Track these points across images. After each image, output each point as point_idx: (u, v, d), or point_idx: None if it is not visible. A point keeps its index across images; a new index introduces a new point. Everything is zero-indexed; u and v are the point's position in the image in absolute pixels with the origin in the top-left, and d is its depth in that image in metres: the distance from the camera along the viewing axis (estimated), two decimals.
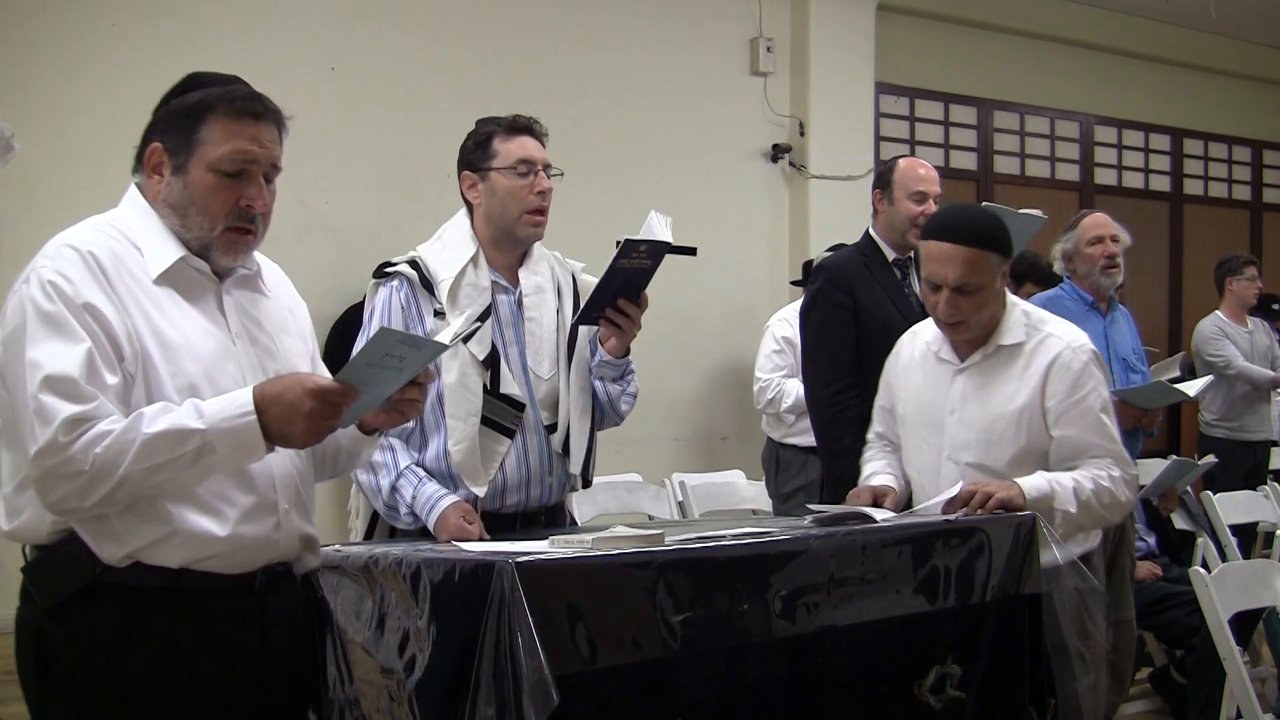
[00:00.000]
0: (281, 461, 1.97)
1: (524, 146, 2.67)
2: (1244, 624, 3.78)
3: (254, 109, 1.94)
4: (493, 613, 1.77)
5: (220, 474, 1.86)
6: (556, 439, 2.69)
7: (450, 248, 2.68)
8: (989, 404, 2.74)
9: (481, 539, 2.46)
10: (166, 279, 1.91)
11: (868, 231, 3.74)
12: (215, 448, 1.79)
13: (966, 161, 8.88)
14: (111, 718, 1.85)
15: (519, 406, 2.63)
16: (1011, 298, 2.83)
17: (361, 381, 1.86)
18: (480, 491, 2.58)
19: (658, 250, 2.55)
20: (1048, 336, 2.74)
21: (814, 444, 3.89)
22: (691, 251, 2.76)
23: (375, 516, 2.66)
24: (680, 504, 4.87)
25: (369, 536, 2.68)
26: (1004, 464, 2.72)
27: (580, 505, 4.61)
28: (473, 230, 2.71)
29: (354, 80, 6.31)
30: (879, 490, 2.82)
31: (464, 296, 2.62)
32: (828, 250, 4.60)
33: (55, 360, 1.75)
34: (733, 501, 5.02)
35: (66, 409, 1.73)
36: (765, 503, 4.99)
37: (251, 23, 6.03)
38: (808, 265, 7.17)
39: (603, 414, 2.80)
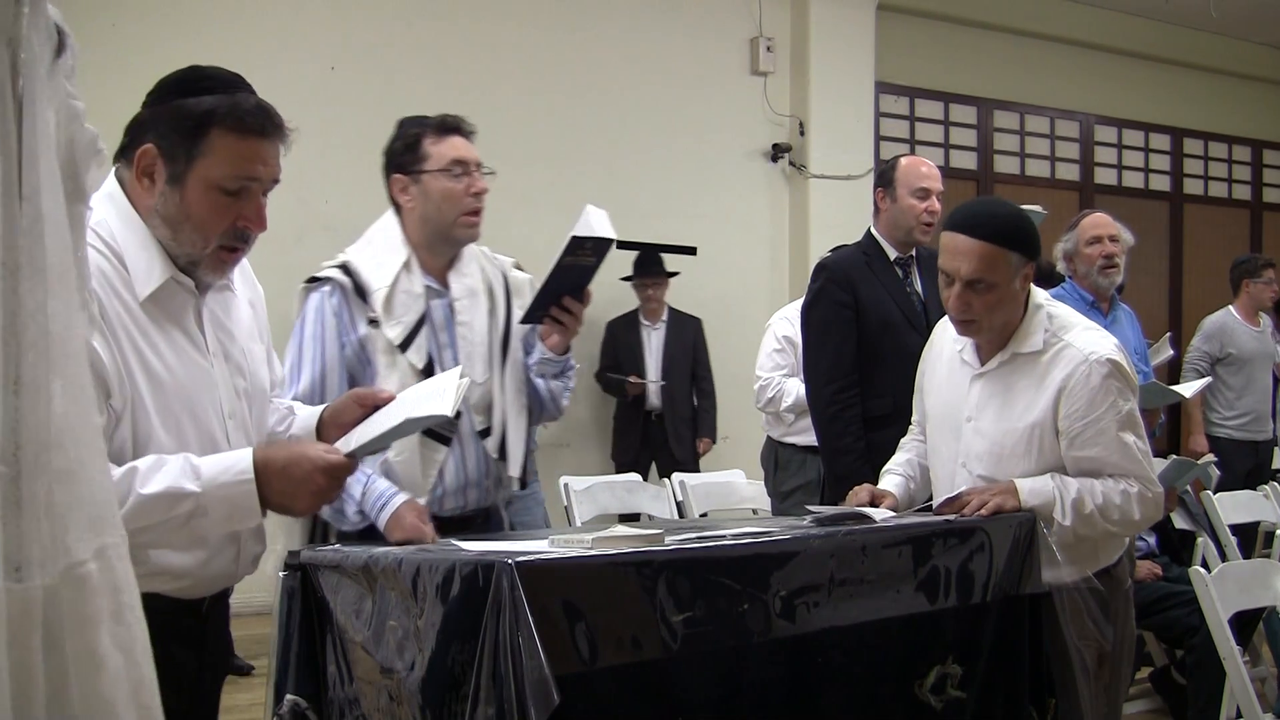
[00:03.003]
0: None
1: (455, 147, 2.61)
2: (1244, 624, 3.78)
3: (262, 126, 1.83)
4: (493, 613, 1.77)
5: None
6: (491, 443, 2.65)
7: (381, 253, 2.62)
8: (1002, 416, 2.63)
9: (433, 541, 2.43)
10: (151, 299, 1.83)
11: (869, 230, 3.74)
12: (208, 511, 1.74)
13: (966, 161, 8.89)
14: None
15: (455, 414, 2.60)
16: (1039, 299, 2.69)
17: (366, 455, 1.90)
18: (422, 501, 2.53)
19: (603, 246, 2.51)
20: (1066, 347, 2.58)
21: (813, 443, 3.90)
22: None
23: (314, 520, 2.61)
24: (680, 504, 4.87)
25: (310, 538, 2.61)
26: (1015, 479, 2.61)
27: (580, 505, 4.62)
28: (403, 234, 2.65)
29: (354, 80, 6.31)
30: (878, 491, 2.81)
31: (399, 305, 2.57)
32: (831, 251, 4.60)
33: None
34: (733, 501, 5.03)
35: None
36: (765, 502, 4.99)
37: (252, 22, 6.04)
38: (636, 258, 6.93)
39: (542, 409, 2.77)
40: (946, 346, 2.79)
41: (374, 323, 2.55)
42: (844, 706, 2.18)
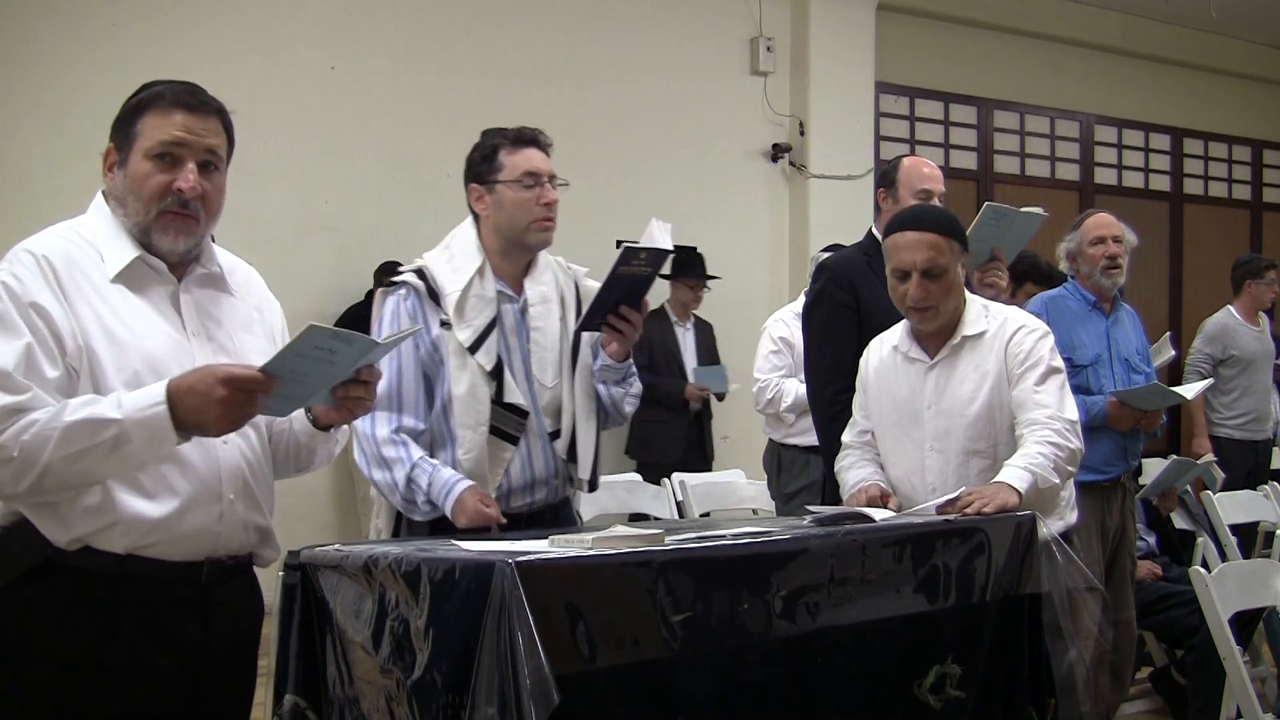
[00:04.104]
0: (230, 453, 2.04)
1: (529, 159, 2.69)
2: (1244, 624, 3.78)
3: (186, 100, 2.02)
4: (493, 613, 1.77)
5: (166, 463, 1.95)
6: (560, 445, 2.74)
7: (457, 258, 2.72)
8: (962, 390, 2.85)
9: (499, 523, 2.54)
10: (123, 278, 1.99)
11: (870, 230, 3.73)
12: (131, 437, 1.86)
13: (966, 161, 8.88)
14: (52, 693, 1.92)
15: (523, 414, 2.68)
16: (968, 294, 2.97)
17: (288, 372, 1.91)
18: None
19: (658, 257, 2.59)
20: (1006, 320, 2.91)
21: (815, 443, 3.90)
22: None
23: (399, 514, 2.70)
24: (680, 504, 4.87)
25: (395, 531, 2.72)
26: (988, 442, 2.83)
27: (581, 505, 4.61)
28: (479, 241, 2.74)
29: (354, 80, 6.31)
30: (885, 491, 2.84)
31: (470, 308, 2.66)
32: (824, 250, 4.60)
33: None
34: (733, 501, 5.02)
35: (0, 399, 1.83)
36: (765, 502, 4.99)
37: (252, 23, 6.03)
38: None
39: (606, 416, 2.86)
40: (885, 356, 3.01)
41: (446, 325, 2.64)
42: (844, 706, 2.19)
